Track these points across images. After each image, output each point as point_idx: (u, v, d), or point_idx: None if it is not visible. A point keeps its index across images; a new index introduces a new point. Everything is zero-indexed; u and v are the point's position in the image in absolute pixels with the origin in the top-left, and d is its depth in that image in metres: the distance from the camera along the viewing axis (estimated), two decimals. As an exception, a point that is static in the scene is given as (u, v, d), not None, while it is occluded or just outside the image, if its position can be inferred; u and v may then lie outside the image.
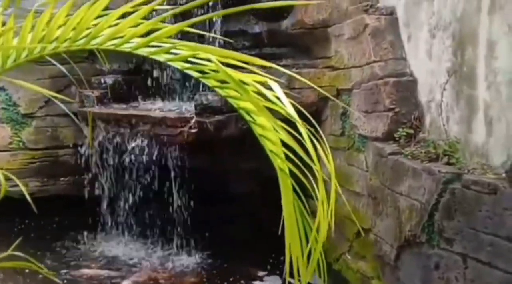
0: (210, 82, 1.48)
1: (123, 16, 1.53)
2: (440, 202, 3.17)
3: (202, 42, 4.23)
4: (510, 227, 2.70)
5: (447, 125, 3.56)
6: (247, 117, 1.49)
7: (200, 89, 5.26)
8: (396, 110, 3.98)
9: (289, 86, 4.64)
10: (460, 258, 3.03)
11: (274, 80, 1.50)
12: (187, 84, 5.64)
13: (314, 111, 4.95)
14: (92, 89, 5.65)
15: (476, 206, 2.90)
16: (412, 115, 3.94)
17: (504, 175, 2.89)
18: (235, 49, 5.53)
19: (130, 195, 5.53)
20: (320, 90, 2.21)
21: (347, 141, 4.59)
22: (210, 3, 5.00)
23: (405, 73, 4.09)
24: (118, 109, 5.52)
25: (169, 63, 1.49)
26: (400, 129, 3.93)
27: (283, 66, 5.15)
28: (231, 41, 4.48)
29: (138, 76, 5.92)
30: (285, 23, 5.29)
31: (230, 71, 1.40)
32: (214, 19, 5.24)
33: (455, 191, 3.08)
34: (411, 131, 3.88)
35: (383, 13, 4.30)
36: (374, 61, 4.21)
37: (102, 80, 5.73)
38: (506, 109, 3.03)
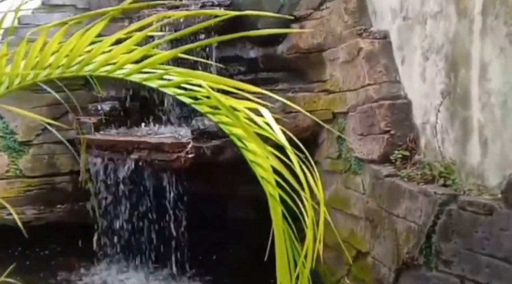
0: (202, 108, 1.50)
1: (117, 43, 1.55)
2: (437, 224, 3.17)
3: (198, 69, 4.28)
4: (507, 248, 2.69)
5: (443, 147, 3.57)
6: (239, 143, 1.50)
7: (197, 114, 5.28)
8: (392, 132, 3.99)
9: (285, 111, 4.67)
10: (458, 280, 3.01)
11: (265, 106, 1.51)
12: (183, 109, 5.66)
13: (310, 135, 4.98)
14: (89, 116, 5.67)
15: (473, 227, 2.90)
16: (407, 137, 3.96)
17: (500, 195, 2.89)
18: (231, 74, 5.57)
19: (127, 222, 5.51)
20: (312, 116, 2.20)
21: (344, 164, 4.60)
22: (207, 30, 5.06)
23: (400, 96, 4.12)
24: (114, 135, 5.53)
25: (162, 89, 1.50)
26: (396, 151, 3.94)
27: (279, 90, 5.27)
28: (222, 66, 4.51)
29: (135, 102, 5.94)
30: (280, 48, 5.33)
31: (221, 97, 1.41)
32: (211, 46, 5.29)
33: (451, 212, 3.07)
34: (407, 153, 3.89)
35: (377, 37, 4.34)
36: (369, 84, 4.24)
37: (99, 107, 5.76)
38: (501, 130, 3.04)
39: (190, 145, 4.88)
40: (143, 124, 5.86)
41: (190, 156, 4.86)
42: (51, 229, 5.75)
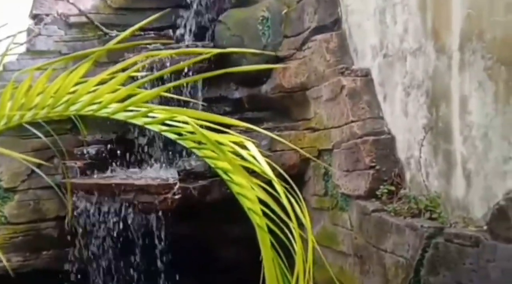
0: (187, 144, 1.52)
1: (101, 83, 1.58)
2: (425, 257, 3.18)
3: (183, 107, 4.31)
4: (495, 279, 2.70)
5: (427, 181, 3.60)
6: (225, 177, 1.51)
7: (183, 155, 5.30)
8: (377, 167, 4.03)
9: (271, 149, 4.70)
10: (449, 314, 3.00)
11: (249, 140, 1.54)
12: (170, 151, 5.68)
13: (297, 173, 4.99)
14: (75, 160, 5.66)
15: (460, 260, 2.91)
16: (392, 172, 3.99)
17: (485, 227, 2.92)
18: (216, 114, 5.61)
19: (114, 266, 5.44)
20: (301, 150, 2.24)
21: (331, 201, 4.61)
22: (190, 71, 5.12)
23: (383, 132, 4.17)
24: (101, 178, 5.52)
25: (147, 126, 1.52)
26: (382, 187, 3.96)
27: (265, 129, 5.26)
28: (204, 104, 4.56)
29: (121, 145, 5.94)
30: (265, 88, 5.40)
31: (205, 132, 1.44)
32: (196, 87, 5.35)
33: (438, 245, 3.09)
34: (393, 188, 3.92)
35: (359, 75, 4.42)
36: (353, 121, 4.30)
37: (85, 151, 5.75)
38: (483, 162, 3.09)
39: (176, 186, 4.87)
40: (129, 167, 5.86)
41: (176, 197, 4.84)
42: (37, 275, 5.65)
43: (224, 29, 5.71)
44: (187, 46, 5.70)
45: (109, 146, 5.88)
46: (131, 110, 1.51)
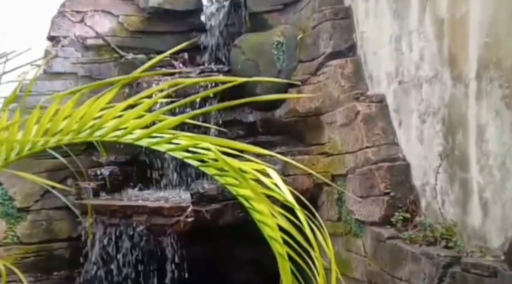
0: (210, 171, 1.52)
1: (125, 109, 1.59)
2: (441, 287, 3.14)
3: (197, 132, 4.33)
4: (514, 310, 2.66)
5: (443, 208, 3.58)
6: (246, 204, 1.51)
7: (196, 178, 5.30)
8: (392, 194, 4.01)
9: (284, 173, 4.69)
10: None
11: (271, 167, 1.54)
12: (183, 173, 5.68)
13: (310, 197, 4.96)
14: (89, 181, 5.67)
15: (478, 290, 2.87)
16: (407, 199, 3.97)
17: (503, 257, 2.88)
18: (230, 138, 5.61)
19: (126, 287, 5.42)
20: (317, 174, 2.23)
21: (344, 226, 4.58)
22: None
23: (398, 158, 4.16)
24: (114, 200, 5.53)
25: (170, 153, 1.53)
26: (397, 213, 3.94)
27: (278, 153, 5.27)
28: (225, 130, 4.59)
29: (135, 167, 5.96)
30: (279, 112, 5.42)
31: (228, 159, 1.44)
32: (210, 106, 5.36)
33: (455, 275, 3.05)
34: (408, 215, 3.89)
35: (373, 101, 4.43)
36: (367, 147, 4.29)
37: (99, 172, 5.77)
38: (500, 191, 3.07)
39: (189, 209, 4.87)
40: (142, 188, 5.87)
41: (189, 220, 4.84)
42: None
43: (239, 53, 5.76)
44: (202, 71, 5.74)
45: (122, 167, 5.89)
46: (155, 137, 1.52)
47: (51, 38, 6.16)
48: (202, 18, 6.21)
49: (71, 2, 6.23)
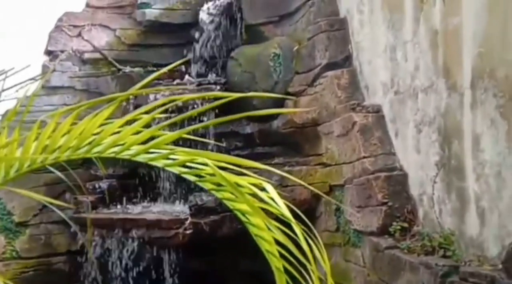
0: (207, 185, 1.54)
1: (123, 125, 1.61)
2: (440, 296, 3.15)
3: (195, 145, 4.34)
4: (512, 319, 2.67)
5: (441, 218, 3.59)
6: (243, 218, 1.53)
7: (195, 190, 5.31)
8: (389, 204, 4.02)
9: (282, 184, 4.71)
10: None
11: (267, 181, 1.56)
12: (181, 186, 5.69)
13: (308, 208, 4.98)
14: (87, 195, 5.68)
15: (476, 299, 2.88)
16: (405, 209, 3.99)
17: (500, 266, 2.90)
18: (228, 150, 5.65)
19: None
20: (310, 187, 2.24)
21: (343, 237, 4.59)
22: (202, 105, 5.17)
23: (395, 168, 4.18)
24: (112, 213, 5.53)
25: (167, 168, 1.55)
26: (395, 223, 3.95)
27: (276, 164, 5.33)
28: (222, 144, 4.61)
29: (133, 180, 5.97)
30: (276, 123, 5.44)
31: (225, 174, 1.46)
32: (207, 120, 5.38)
33: (453, 284, 3.06)
34: (406, 224, 3.91)
35: (370, 111, 4.46)
36: (364, 157, 4.31)
37: (97, 185, 5.77)
38: (497, 200, 3.09)
39: (188, 221, 4.88)
40: (141, 201, 5.87)
41: (188, 232, 4.85)
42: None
43: (235, 65, 5.79)
44: (200, 83, 5.77)
45: (121, 180, 5.90)
46: (152, 152, 1.54)
47: (48, 53, 6.19)
48: (199, 30, 6.23)
49: (68, 17, 6.26)
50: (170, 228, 4.92)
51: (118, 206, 5.77)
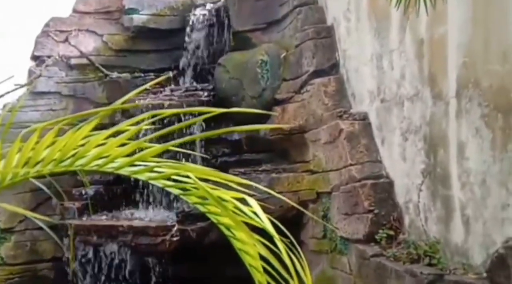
0: (191, 199, 1.54)
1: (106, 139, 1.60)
2: (425, 305, 3.16)
3: (180, 154, 4.33)
4: (496, 328, 2.68)
5: (426, 226, 3.61)
6: (227, 232, 1.53)
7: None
8: (376, 211, 4.04)
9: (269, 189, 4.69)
10: None
11: (251, 186, 1.56)
12: (168, 192, 5.66)
13: (295, 215, 4.98)
14: (73, 201, 5.65)
15: (461, 308, 2.90)
16: (391, 216, 4.00)
17: (485, 274, 2.92)
18: (215, 156, 5.65)
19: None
20: (292, 202, 2.23)
21: (329, 244, 4.60)
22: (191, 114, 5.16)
23: (382, 175, 4.20)
24: (99, 220, 5.50)
25: (151, 181, 1.54)
26: (381, 231, 3.97)
27: (263, 171, 5.33)
28: (207, 156, 4.62)
29: (120, 186, 5.94)
30: (263, 130, 5.44)
31: (209, 188, 1.46)
32: (194, 129, 5.38)
33: (438, 292, 3.08)
34: (392, 232, 3.92)
35: (357, 119, 4.48)
36: (351, 164, 4.32)
37: (83, 191, 5.74)
38: (482, 209, 3.11)
39: (175, 228, 4.88)
40: (128, 208, 5.84)
41: (175, 239, 4.84)
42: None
43: (223, 71, 5.79)
44: (187, 89, 5.76)
45: (108, 186, 5.87)
46: (136, 165, 1.54)
47: (35, 58, 6.15)
48: (186, 37, 6.24)
49: (55, 22, 6.23)
50: (157, 235, 4.91)
51: (105, 212, 5.75)
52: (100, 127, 1.64)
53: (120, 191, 5.90)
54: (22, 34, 5.96)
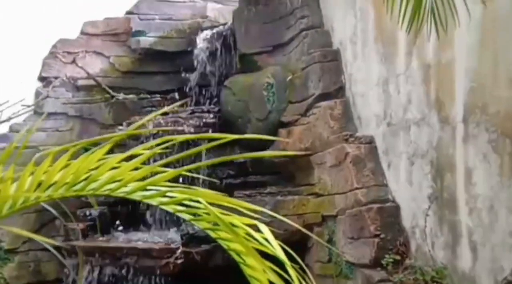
0: (202, 225, 1.53)
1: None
2: (433, 331, 3.13)
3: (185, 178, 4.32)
4: None
5: (433, 251, 3.59)
6: (238, 258, 1.52)
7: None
8: (382, 236, 4.01)
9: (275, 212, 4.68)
10: None
11: (256, 211, 1.56)
12: (173, 214, 5.65)
13: (300, 238, 4.96)
14: (78, 222, 5.63)
15: None
16: (397, 241, 3.98)
17: (494, 301, 2.89)
18: (221, 178, 5.64)
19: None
20: (297, 225, 2.21)
21: (335, 268, 4.56)
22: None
23: (388, 199, 4.18)
24: (103, 241, 5.48)
25: (162, 206, 1.54)
26: (387, 256, 3.94)
27: (268, 193, 5.31)
28: (216, 181, 4.62)
29: (124, 207, 5.93)
30: (269, 152, 5.43)
31: (219, 213, 1.46)
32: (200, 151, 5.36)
33: (446, 319, 3.05)
34: (398, 257, 3.90)
35: (363, 142, 4.47)
36: (357, 188, 4.31)
37: (88, 212, 5.73)
38: (489, 234, 3.09)
39: (179, 251, 4.85)
40: (132, 229, 5.82)
41: (179, 261, 4.81)
42: None
43: (229, 94, 5.81)
44: (193, 111, 5.78)
45: (112, 207, 5.86)
46: (148, 190, 1.54)
47: (42, 79, 6.19)
48: (193, 59, 6.28)
49: (62, 44, 6.29)
50: (161, 257, 4.88)
51: (109, 234, 5.73)
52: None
53: (125, 212, 5.88)
54: (30, 55, 6.00)
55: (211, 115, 5.79)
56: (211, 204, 1.53)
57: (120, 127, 5.85)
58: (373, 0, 4.36)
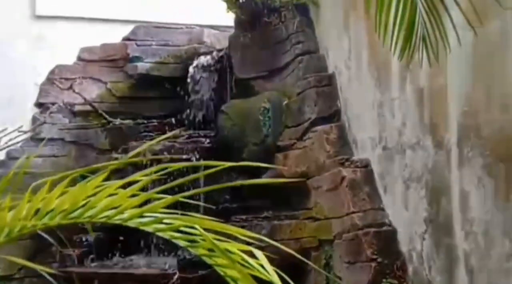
0: (199, 251, 1.54)
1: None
2: None
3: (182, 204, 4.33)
4: None
5: (430, 275, 3.59)
6: (234, 284, 1.53)
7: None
8: (379, 260, 4.01)
9: (272, 238, 4.67)
10: None
11: (251, 243, 1.57)
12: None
13: (299, 262, 4.93)
14: (74, 248, 5.61)
15: None
16: (395, 265, 3.97)
17: (491, 326, 2.88)
18: (217, 203, 5.64)
19: None
20: (291, 251, 2.20)
21: (332, 293, 4.55)
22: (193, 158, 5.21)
23: (385, 223, 4.18)
24: (99, 267, 5.46)
25: (158, 233, 1.55)
26: (384, 280, 3.93)
27: (264, 218, 5.31)
28: (212, 206, 4.63)
29: (121, 232, 5.90)
30: (265, 177, 5.45)
31: (215, 239, 1.47)
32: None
33: None
34: (395, 281, 3.89)
35: (359, 166, 4.49)
36: (354, 212, 4.32)
37: (84, 238, 5.71)
38: (486, 259, 3.09)
39: (176, 276, 4.83)
40: (129, 254, 5.80)
41: (176, 287, 4.79)
42: None
43: (226, 118, 5.85)
44: (190, 136, 5.81)
45: (108, 233, 5.83)
46: (144, 217, 1.55)
47: (39, 105, 6.22)
48: (190, 84, 6.32)
49: (60, 70, 6.33)
50: (157, 282, 4.87)
51: (106, 260, 5.71)
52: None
53: (121, 237, 5.86)
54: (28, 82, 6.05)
55: (208, 140, 5.82)
56: (207, 230, 1.55)
57: (116, 155, 5.88)
58: (366, 25, 4.41)
